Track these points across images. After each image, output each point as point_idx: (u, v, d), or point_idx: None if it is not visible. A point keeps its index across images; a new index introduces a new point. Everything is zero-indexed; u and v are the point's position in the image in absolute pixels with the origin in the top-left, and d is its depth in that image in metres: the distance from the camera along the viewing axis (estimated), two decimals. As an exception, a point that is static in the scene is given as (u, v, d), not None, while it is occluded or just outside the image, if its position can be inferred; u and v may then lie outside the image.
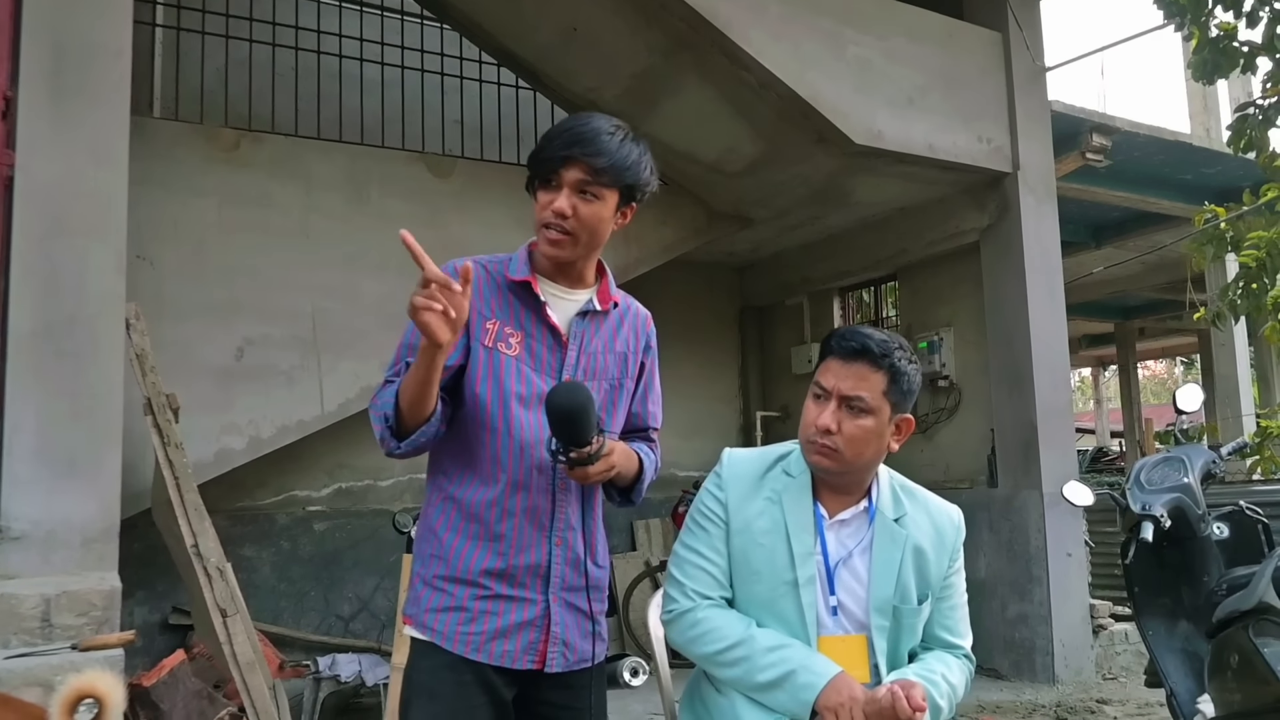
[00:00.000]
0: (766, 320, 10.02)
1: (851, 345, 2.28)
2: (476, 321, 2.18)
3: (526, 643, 2.18)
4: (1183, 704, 3.64)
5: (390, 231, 6.53)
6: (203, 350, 5.83)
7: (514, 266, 2.25)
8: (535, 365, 2.22)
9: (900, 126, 6.74)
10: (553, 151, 2.16)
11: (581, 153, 2.13)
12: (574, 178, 2.14)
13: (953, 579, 2.44)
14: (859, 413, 2.27)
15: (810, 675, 2.17)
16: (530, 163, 2.21)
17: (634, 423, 2.43)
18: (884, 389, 2.27)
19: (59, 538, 3.97)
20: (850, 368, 2.28)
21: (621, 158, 2.16)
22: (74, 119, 4.23)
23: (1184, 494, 3.66)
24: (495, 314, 2.21)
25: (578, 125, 2.19)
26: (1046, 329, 7.30)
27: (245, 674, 4.35)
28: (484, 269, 2.24)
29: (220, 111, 6.66)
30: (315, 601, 7.05)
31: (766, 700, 2.21)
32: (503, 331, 2.21)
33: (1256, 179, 6.81)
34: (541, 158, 2.18)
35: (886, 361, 2.27)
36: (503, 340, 2.20)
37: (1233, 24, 6.04)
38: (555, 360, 2.23)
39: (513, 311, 2.23)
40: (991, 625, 7.19)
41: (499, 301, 2.23)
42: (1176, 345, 20.81)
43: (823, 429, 2.28)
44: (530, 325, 2.23)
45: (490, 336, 2.20)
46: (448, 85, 7.49)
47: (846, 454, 2.29)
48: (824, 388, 2.31)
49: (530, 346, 2.22)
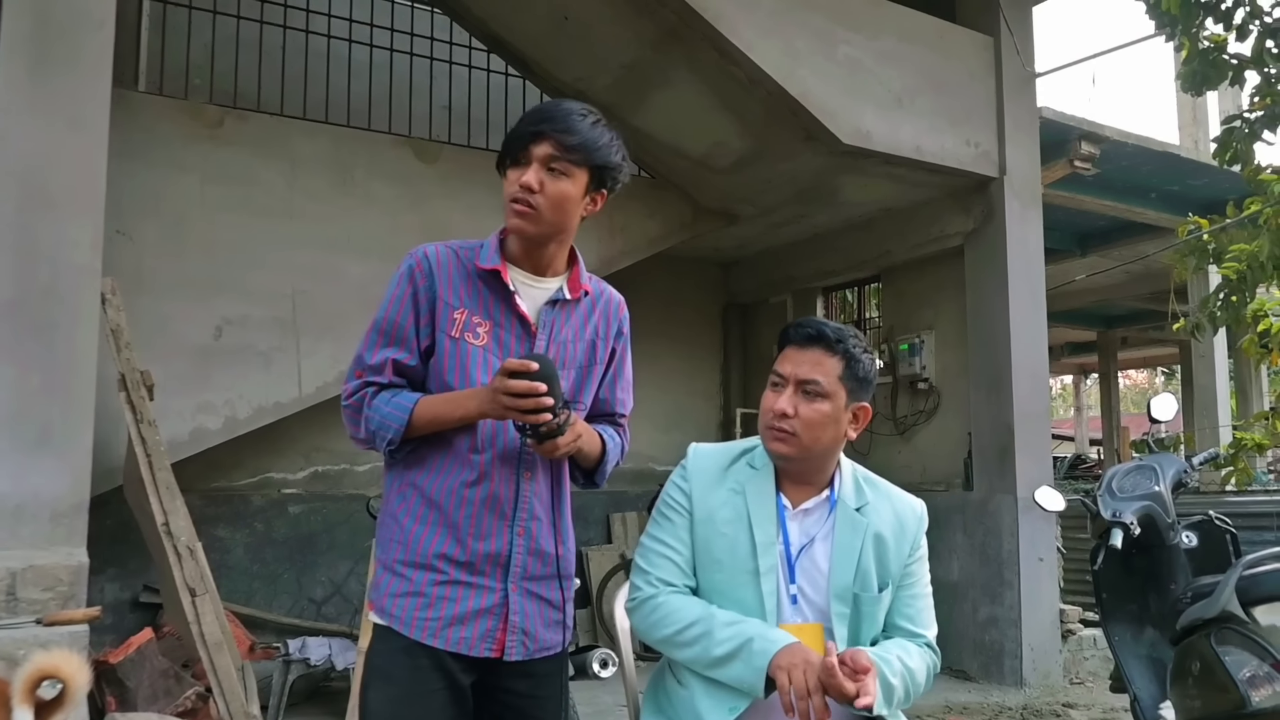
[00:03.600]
0: (750, 318, 10.02)
1: (807, 332, 2.34)
2: (444, 311, 2.19)
3: (484, 630, 2.17)
4: (1146, 709, 3.67)
5: (374, 214, 6.57)
6: (181, 328, 5.79)
7: (484, 254, 2.23)
8: (503, 355, 2.19)
9: (888, 127, 6.74)
10: (523, 129, 2.17)
11: (551, 129, 2.14)
12: (543, 153, 2.13)
13: (914, 567, 2.46)
14: (815, 397, 2.31)
15: (765, 643, 2.19)
16: (503, 145, 2.21)
17: (602, 408, 2.41)
18: (839, 374, 2.32)
19: (27, 511, 3.94)
20: (805, 353, 2.33)
21: (592, 137, 2.16)
22: (54, 89, 4.19)
23: (1154, 502, 3.69)
24: (464, 303, 2.20)
25: (549, 106, 2.23)
26: (1027, 335, 7.32)
27: (213, 654, 4.34)
28: (454, 254, 2.23)
29: (205, 88, 6.62)
30: (288, 584, 7.03)
31: (723, 675, 2.22)
32: (470, 321, 2.20)
33: (1243, 192, 6.85)
34: (512, 136, 2.19)
35: (841, 347, 2.32)
36: (470, 330, 2.20)
37: (1222, 36, 6.07)
38: (524, 349, 2.22)
39: (481, 300, 2.22)
40: (962, 627, 7.21)
41: (468, 290, 2.21)
42: (1158, 355, 20.89)
43: (779, 413, 2.31)
44: (499, 314, 2.22)
45: (457, 327, 2.19)
46: (436, 70, 7.46)
47: (804, 438, 2.32)
48: (781, 375, 2.35)
49: (498, 336, 2.22)
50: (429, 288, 2.19)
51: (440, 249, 2.24)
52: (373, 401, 2.17)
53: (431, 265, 2.20)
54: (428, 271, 2.20)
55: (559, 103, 2.22)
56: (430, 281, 2.19)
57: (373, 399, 2.17)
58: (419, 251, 2.22)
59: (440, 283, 2.19)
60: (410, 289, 2.20)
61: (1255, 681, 2.92)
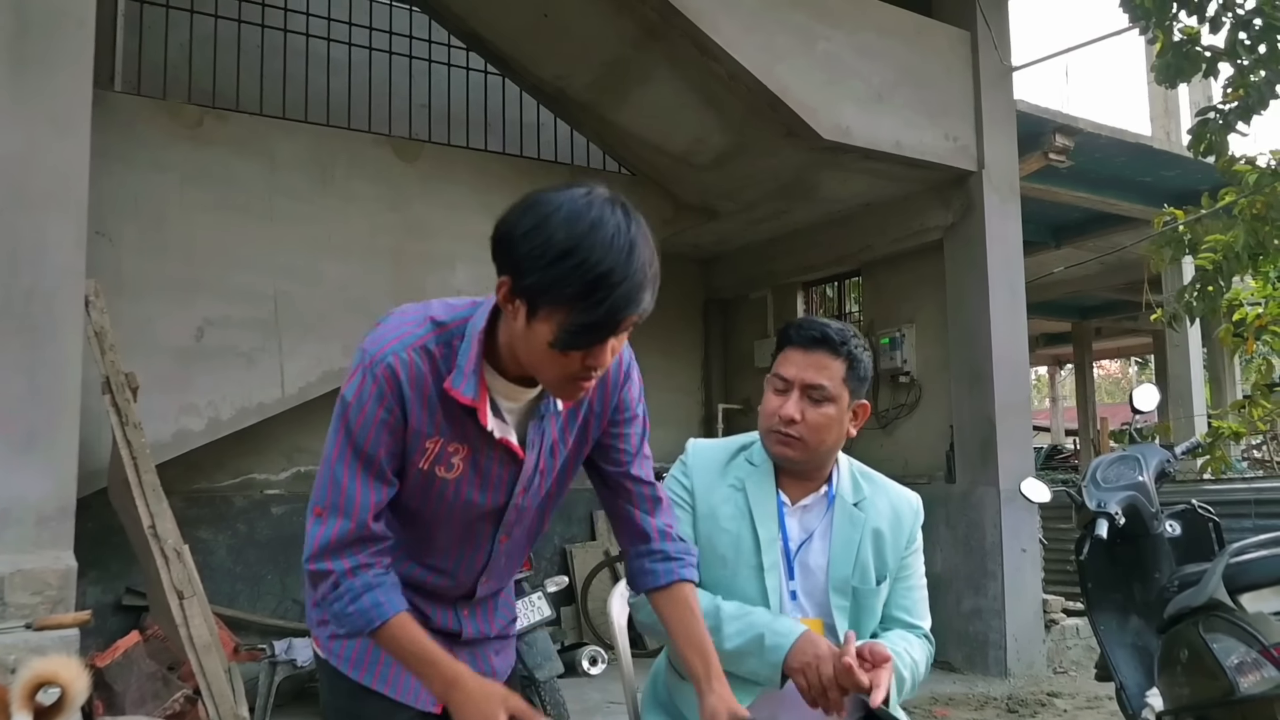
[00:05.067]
0: (730, 313, 10.04)
1: (811, 334, 2.33)
2: (414, 440, 1.85)
3: None
4: (1132, 698, 3.71)
5: (355, 214, 6.55)
6: (162, 329, 5.76)
7: (459, 370, 1.82)
8: (482, 483, 1.94)
9: (868, 122, 6.76)
10: (624, 313, 1.68)
11: (635, 312, 1.70)
12: (626, 332, 1.78)
13: (910, 560, 2.48)
14: (821, 401, 2.31)
15: (776, 637, 2.20)
16: (582, 333, 1.68)
17: (616, 466, 2.10)
18: (843, 376, 2.32)
19: (13, 515, 3.92)
20: (810, 357, 2.32)
21: (658, 274, 1.75)
22: (35, 89, 4.16)
23: (1138, 492, 3.72)
24: (438, 429, 1.85)
25: (623, 288, 1.66)
26: (1007, 327, 7.36)
27: (201, 656, 4.32)
28: (429, 362, 1.82)
29: (184, 87, 6.57)
30: (272, 585, 7.00)
31: (736, 668, 2.22)
32: (444, 452, 1.88)
33: (1215, 182, 6.91)
34: (610, 317, 1.67)
35: (845, 349, 2.32)
36: (442, 462, 1.89)
37: (1196, 28, 6.11)
38: (507, 474, 1.95)
39: (456, 424, 1.86)
40: (946, 619, 7.25)
41: (443, 412, 1.85)
42: (1132, 345, 21.07)
43: (787, 419, 2.31)
44: (477, 441, 1.89)
45: (428, 458, 1.87)
46: (416, 68, 7.44)
47: (810, 442, 2.33)
48: (785, 378, 2.34)
49: (476, 462, 1.91)
50: (400, 414, 1.82)
51: (411, 358, 1.81)
52: (351, 581, 1.82)
53: (402, 387, 1.80)
54: (397, 392, 1.80)
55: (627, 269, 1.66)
56: (401, 408, 1.82)
57: (353, 578, 1.82)
58: (384, 360, 1.80)
59: (411, 408, 1.82)
60: (382, 412, 1.81)
61: (1244, 668, 2.95)
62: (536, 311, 1.68)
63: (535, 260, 1.64)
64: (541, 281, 1.64)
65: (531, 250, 1.65)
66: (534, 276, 1.65)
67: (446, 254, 6.69)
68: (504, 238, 1.71)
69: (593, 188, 1.71)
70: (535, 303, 1.67)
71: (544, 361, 1.74)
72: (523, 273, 1.66)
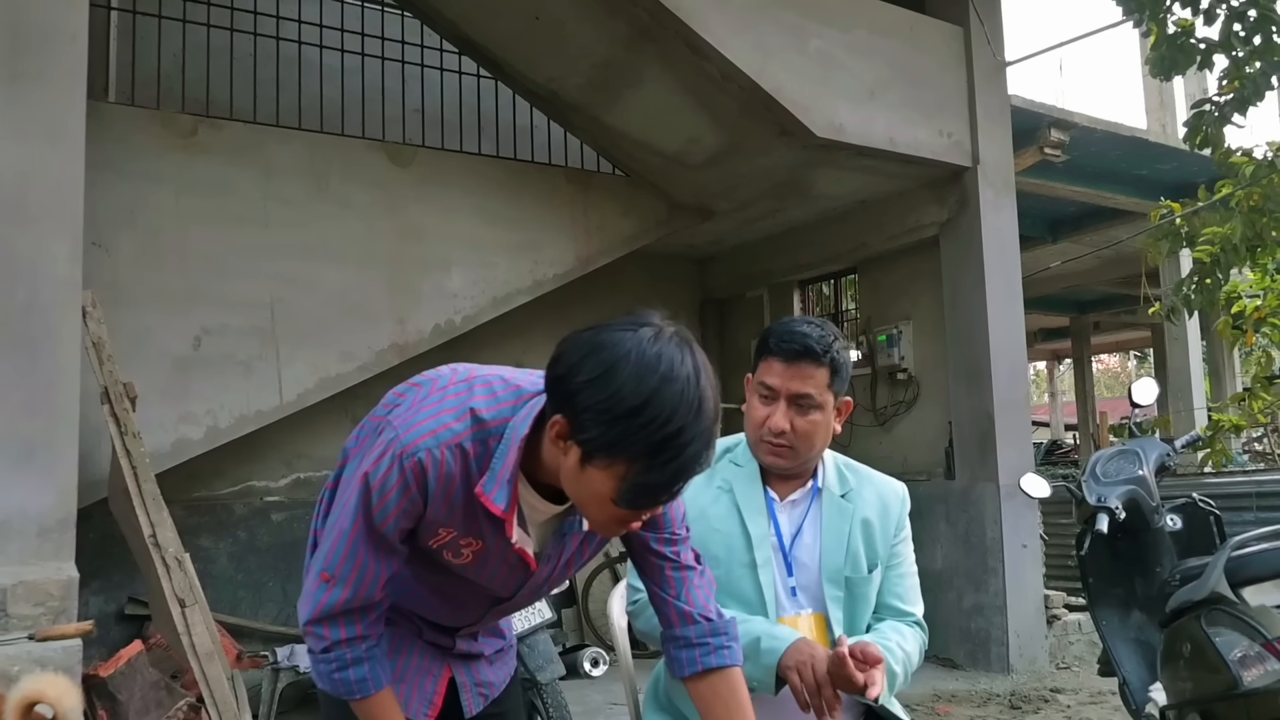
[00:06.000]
0: (726, 313, 10.03)
1: (793, 347, 2.33)
2: (427, 526, 1.79)
3: (423, 693, 2.02)
4: (1135, 692, 3.71)
5: (350, 220, 6.55)
6: (160, 339, 5.75)
7: (491, 478, 1.71)
8: (490, 576, 1.88)
9: (862, 120, 6.76)
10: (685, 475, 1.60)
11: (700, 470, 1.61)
12: None
13: (899, 548, 2.51)
14: (809, 409, 2.35)
15: (773, 641, 2.22)
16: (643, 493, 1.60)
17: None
18: (828, 382, 2.35)
19: (14, 527, 3.92)
20: (794, 368, 2.33)
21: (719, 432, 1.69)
22: (29, 102, 4.16)
23: (1138, 486, 3.72)
24: (456, 524, 1.78)
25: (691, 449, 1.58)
26: (1004, 323, 7.36)
27: (204, 664, 4.32)
28: (460, 459, 1.72)
29: (177, 97, 6.57)
30: (273, 592, 7.00)
31: None
32: (456, 542, 1.81)
33: (1211, 175, 6.92)
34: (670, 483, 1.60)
35: (828, 356, 2.33)
36: (452, 549, 1.82)
37: (1190, 21, 6.12)
38: (513, 579, 1.90)
39: (476, 525, 1.78)
40: (948, 616, 7.25)
41: (464, 511, 1.76)
42: (1130, 339, 21.09)
43: (777, 431, 2.35)
44: (494, 541, 1.81)
45: (439, 542, 1.81)
46: (408, 73, 7.43)
47: (801, 449, 2.38)
48: (770, 387, 2.37)
49: (487, 560, 1.84)
50: (423, 505, 1.74)
51: (444, 456, 1.70)
52: (344, 651, 1.82)
53: (429, 484, 1.71)
54: (423, 489, 1.71)
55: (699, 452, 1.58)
56: (423, 501, 1.73)
57: (347, 649, 1.81)
58: (419, 457, 1.69)
59: (434, 502, 1.74)
60: (405, 502, 1.72)
61: (1246, 662, 2.95)
62: (594, 460, 1.57)
63: (600, 414, 1.54)
64: (606, 437, 1.54)
65: (596, 403, 1.54)
66: (597, 430, 1.55)
67: (442, 258, 6.69)
68: (562, 379, 1.60)
69: (661, 327, 1.60)
70: (594, 453, 1.57)
71: (593, 504, 1.65)
72: (583, 425, 1.56)
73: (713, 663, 1.95)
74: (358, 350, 6.21)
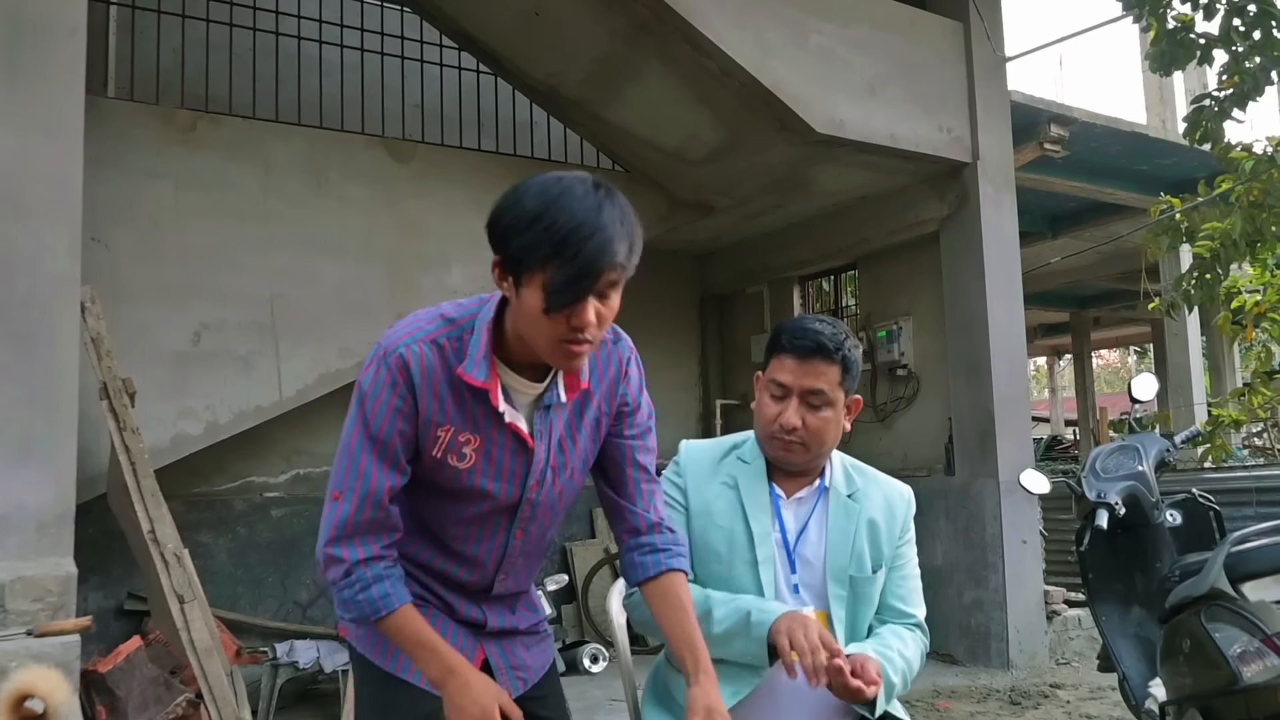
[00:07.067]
0: (727, 308, 10.03)
1: (806, 344, 2.36)
2: (425, 429, 1.91)
3: None
4: (1135, 688, 3.70)
5: (350, 216, 6.55)
6: (159, 335, 5.75)
7: (471, 358, 1.89)
8: (495, 474, 1.98)
9: (862, 115, 6.76)
10: (595, 270, 1.74)
11: (609, 263, 1.75)
12: (610, 280, 1.79)
13: (903, 549, 2.52)
14: (820, 406, 2.37)
15: (763, 614, 2.24)
16: (563, 289, 1.74)
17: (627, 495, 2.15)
18: (839, 380, 2.37)
19: (13, 522, 3.92)
20: (806, 365, 2.36)
21: (635, 235, 1.81)
22: (28, 96, 4.16)
23: (1138, 482, 3.71)
24: (449, 418, 1.91)
25: (610, 246, 1.75)
26: (1004, 319, 7.36)
27: (203, 660, 4.33)
28: (437, 354, 1.89)
29: (176, 92, 6.56)
30: (273, 588, 7.00)
31: (727, 652, 2.26)
32: (455, 441, 1.93)
33: (1211, 170, 6.91)
34: (585, 277, 1.74)
35: (839, 354, 2.36)
36: (454, 451, 1.93)
37: (1190, 16, 6.10)
38: (519, 464, 1.99)
39: (468, 413, 1.93)
40: (948, 611, 7.26)
41: (454, 400, 1.91)
42: (1130, 335, 21.05)
43: (789, 427, 2.36)
44: (489, 429, 1.94)
45: (440, 446, 1.93)
46: (408, 69, 7.42)
47: (812, 446, 2.39)
48: (782, 385, 2.38)
49: (488, 452, 1.96)
50: (413, 402, 1.89)
51: (422, 350, 1.88)
52: (363, 572, 1.92)
53: (413, 377, 1.87)
54: (409, 382, 1.87)
55: (594, 228, 1.73)
56: (413, 396, 1.88)
57: (365, 569, 1.92)
58: (396, 350, 1.88)
59: (422, 395, 1.89)
60: (396, 399, 1.88)
61: (1246, 657, 2.94)
62: (522, 280, 1.76)
63: (513, 230, 1.75)
64: (520, 247, 1.74)
65: (509, 223, 1.76)
66: (513, 245, 1.75)
67: (441, 254, 6.68)
68: (491, 222, 1.81)
69: (572, 174, 1.81)
70: (519, 272, 1.76)
71: (537, 330, 1.80)
72: (506, 245, 1.77)
73: (674, 565, 2.12)
74: (357, 346, 6.20)
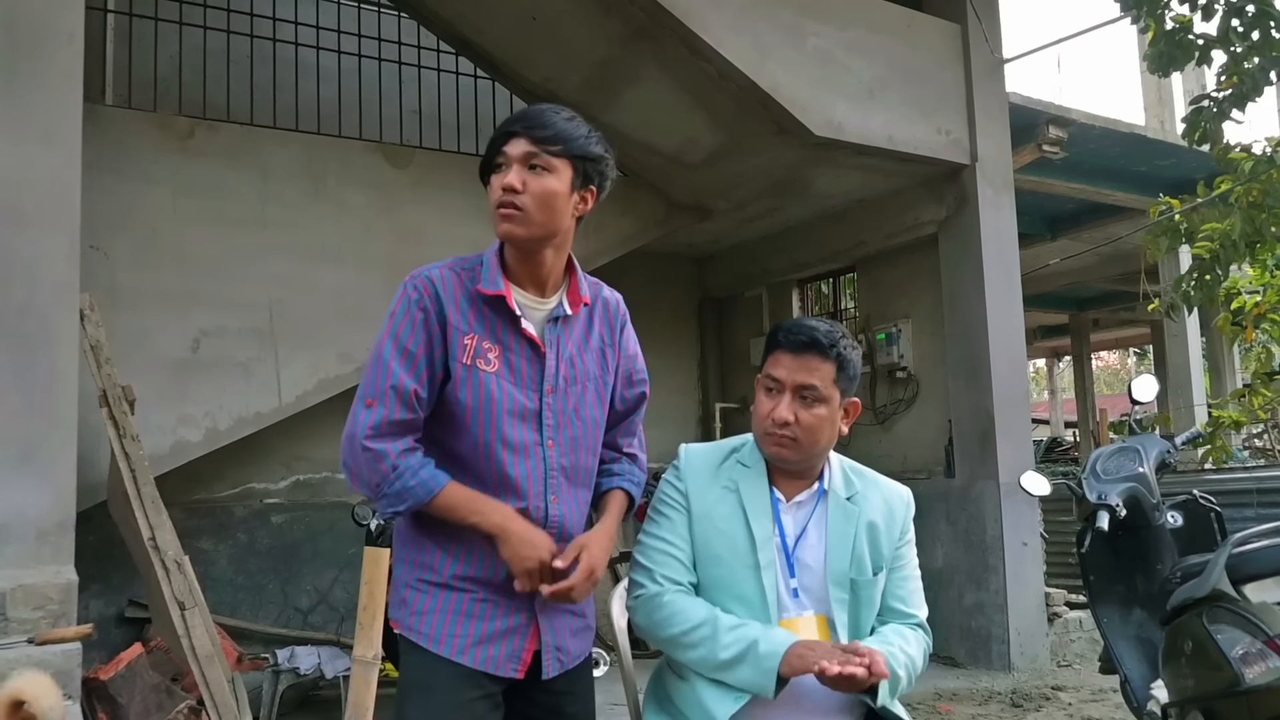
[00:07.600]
0: (725, 312, 10.03)
1: (800, 339, 2.37)
2: (454, 338, 2.13)
3: (510, 651, 2.18)
4: (1136, 690, 3.70)
5: (348, 221, 6.54)
6: (158, 342, 5.75)
7: (485, 276, 2.18)
8: (515, 380, 2.18)
9: (860, 118, 6.76)
10: (496, 134, 2.16)
11: (524, 126, 2.12)
12: (520, 151, 2.11)
13: (903, 551, 2.52)
14: (813, 402, 2.36)
15: (771, 645, 2.23)
16: (482, 158, 2.19)
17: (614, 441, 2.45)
18: (834, 377, 2.37)
19: (13, 531, 3.91)
20: (800, 360, 2.36)
21: (568, 129, 2.14)
22: (25, 104, 4.15)
23: (1139, 483, 3.70)
24: (472, 328, 2.15)
25: (522, 110, 2.22)
26: (1003, 321, 7.35)
27: (204, 667, 4.32)
28: (455, 276, 2.18)
29: (174, 99, 6.56)
30: (273, 594, 6.99)
31: (729, 678, 2.26)
32: (481, 347, 2.15)
33: (1210, 171, 6.91)
34: (488, 144, 2.17)
35: (834, 351, 2.36)
36: (481, 357, 2.15)
37: (1188, 17, 6.11)
38: (535, 371, 2.20)
39: (488, 324, 2.17)
40: (948, 614, 7.25)
41: (474, 314, 2.16)
42: (1130, 336, 21.05)
43: (781, 421, 2.36)
44: (507, 338, 2.19)
45: (468, 353, 2.14)
46: (405, 74, 7.42)
47: (805, 443, 2.38)
48: (776, 380, 2.39)
49: (509, 360, 2.18)
50: (439, 312, 2.13)
51: (441, 272, 2.17)
52: (408, 461, 2.09)
53: (437, 289, 2.14)
54: (434, 295, 2.14)
55: (531, 106, 2.22)
56: (439, 306, 2.13)
57: (408, 459, 2.09)
58: (421, 275, 2.16)
59: (448, 307, 2.14)
60: (420, 314, 2.12)
61: (1248, 659, 2.93)
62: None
63: None
64: None
65: None
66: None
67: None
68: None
69: None
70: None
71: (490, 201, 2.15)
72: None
73: (615, 485, 2.41)
74: (356, 352, 6.20)
